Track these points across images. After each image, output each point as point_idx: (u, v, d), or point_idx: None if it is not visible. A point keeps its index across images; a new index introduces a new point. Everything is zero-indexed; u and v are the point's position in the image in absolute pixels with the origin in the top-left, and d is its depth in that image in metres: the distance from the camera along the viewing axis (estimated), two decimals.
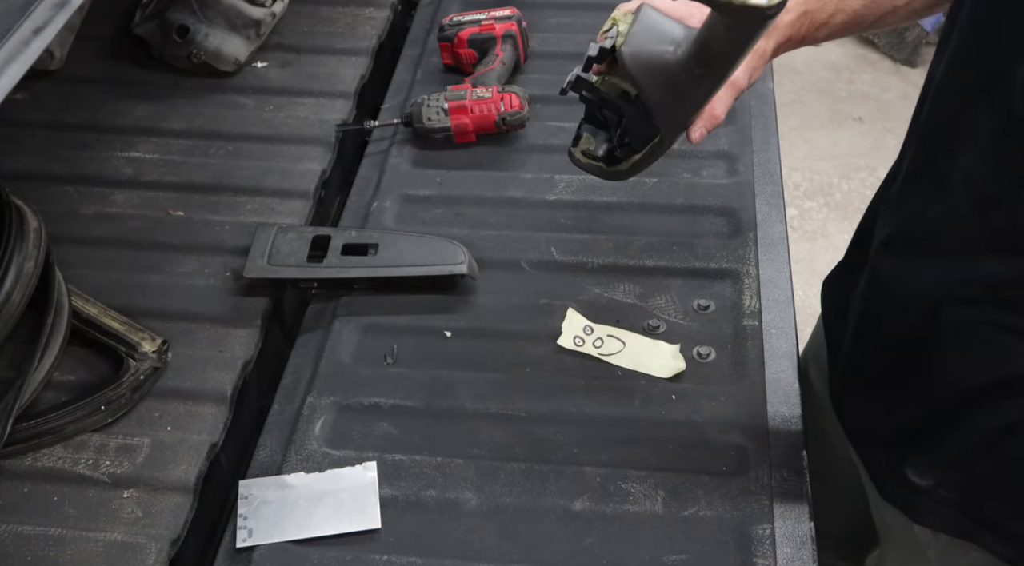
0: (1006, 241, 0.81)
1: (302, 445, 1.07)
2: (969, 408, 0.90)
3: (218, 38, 1.51)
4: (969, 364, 0.88)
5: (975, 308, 0.86)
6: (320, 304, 1.24)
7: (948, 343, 0.89)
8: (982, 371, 0.87)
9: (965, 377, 0.89)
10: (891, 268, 0.95)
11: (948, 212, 0.85)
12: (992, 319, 0.85)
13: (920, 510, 1.00)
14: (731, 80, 0.99)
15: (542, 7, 1.67)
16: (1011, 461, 0.89)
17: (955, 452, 0.93)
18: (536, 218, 1.32)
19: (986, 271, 0.83)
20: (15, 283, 1.04)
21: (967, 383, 0.89)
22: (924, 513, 1.00)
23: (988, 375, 0.87)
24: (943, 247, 0.87)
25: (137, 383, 1.09)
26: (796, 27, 1.03)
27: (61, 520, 0.99)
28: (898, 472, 1.00)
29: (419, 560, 0.97)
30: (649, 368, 1.12)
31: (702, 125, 1.03)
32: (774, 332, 1.16)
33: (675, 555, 0.96)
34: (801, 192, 2.89)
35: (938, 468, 0.96)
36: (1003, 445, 0.89)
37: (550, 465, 1.04)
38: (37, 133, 1.46)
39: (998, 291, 0.83)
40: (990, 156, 0.80)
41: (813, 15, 1.03)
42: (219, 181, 1.38)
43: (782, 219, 1.31)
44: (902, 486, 1.00)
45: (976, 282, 0.84)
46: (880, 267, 0.96)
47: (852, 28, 1.05)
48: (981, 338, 0.86)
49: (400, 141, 1.45)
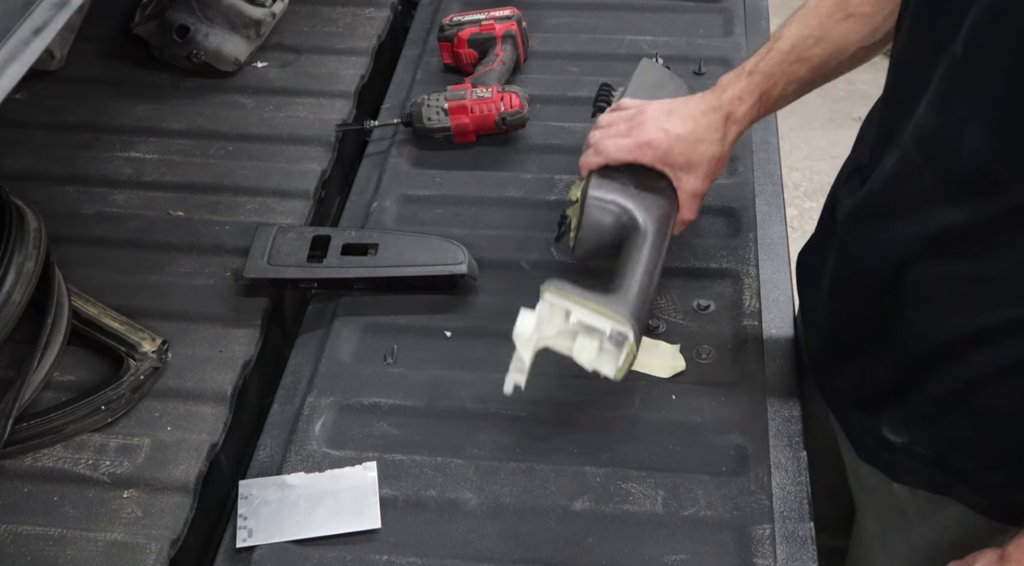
0: (954, 185, 0.83)
1: (302, 445, 1.07)
2: (937, 363, 0.92)
3: (218, 38, 1.51)
4: (936, 319, 0.90)
5: (938, 262, 0.88)
6: (320, 304, 1.24)
7: (915, 300, 0.91)
8: (948, 325, 0.90)
9: (932, 332, 0.91)
10: (858, 232, 0.97)
11: (903, 164, 0.88)
12: (954, 271, 0.87)
13: (897, 467, 1.02)
14: (692, 191, 1.11)
15: (542, 7, 1.67)
16: (980, 413, 0.92)
17: (927, 407, 0.96)
18: (536, 218, 1.32)
19: (942, 220, 0.85)
20: (15, 283, 1.04)
21: (934, 338, 0.91)
22: (901, 470, 1.02)
23: (954, 329, 0.89)
24: (903, 202, 0.90)
25: (137, 383, 1.09)
26: (754, 111, 1.10)
27: (61, 520, 0.99)
28: (874, 431, 1.02)
29: (419, 560, 0.97)
30: (649, 368, 1.12)
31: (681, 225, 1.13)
32: (774, 332, 1.16)
33: (675, 555, 0.96)
34: (801, 192, 2.89)
35: (912, 424, 0.99)
36: (971, 397, 0.91)
37: (550, 465, 1.04)
38: (37, 133, 1.45)
39: (957, 241, 0.86)
40: (937, 102, 0.83)
41: (768, 93, 1.09)
42: (219, 181, 1.38)
43: (782, 219, 1.31)
44: (879, 445, 1.02)
45: (936, 234, 0.87)
46: (848, 232, 0.99)
47: (807, 90, 1.11)
48: (946, 291, 0.89)
49: (400, 141, 1.45)
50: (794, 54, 1.07)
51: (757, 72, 1.09)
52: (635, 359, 1.01)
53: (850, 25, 1.05)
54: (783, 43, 1.08)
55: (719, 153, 1.09)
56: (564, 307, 0.99)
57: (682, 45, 1.59)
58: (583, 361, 1.00)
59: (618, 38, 1.61)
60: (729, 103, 1.09)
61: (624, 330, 0.98)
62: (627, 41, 1.60)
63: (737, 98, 1.09)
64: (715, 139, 1.08)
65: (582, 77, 1.54)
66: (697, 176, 1.09)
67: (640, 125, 1.09)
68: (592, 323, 0.99)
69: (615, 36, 1.61)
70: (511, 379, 1.00)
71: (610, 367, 1.00)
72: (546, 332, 1.01)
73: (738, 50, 1.58)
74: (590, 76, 1.54)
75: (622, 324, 0.98)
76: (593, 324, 0.99)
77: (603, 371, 1.01)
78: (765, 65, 1.08)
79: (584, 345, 1.00)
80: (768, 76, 1.08)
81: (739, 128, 1.10)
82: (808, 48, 1.06)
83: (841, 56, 1.06)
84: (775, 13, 1.79)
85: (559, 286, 1.00)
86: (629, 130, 1.10)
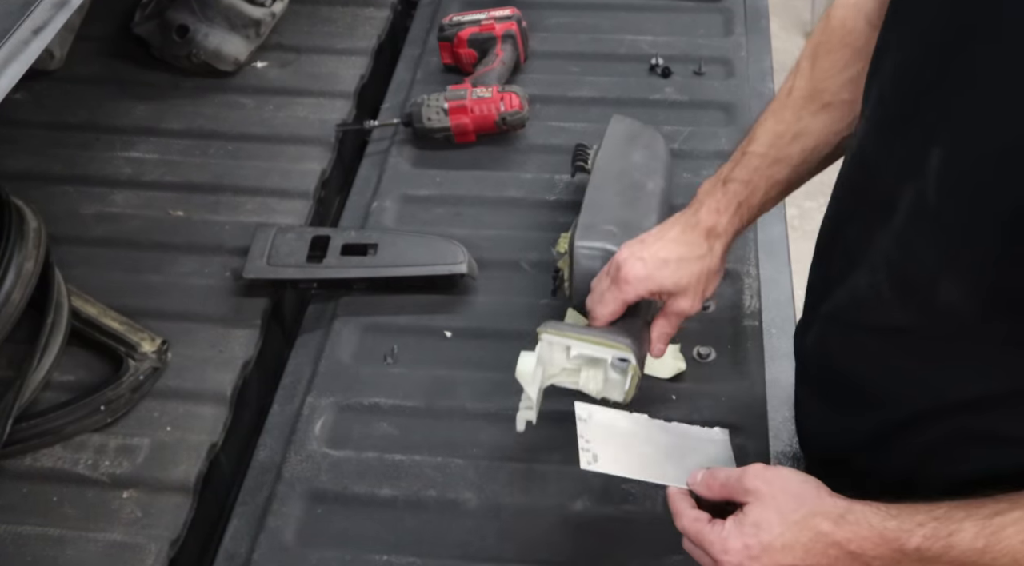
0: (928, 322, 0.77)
1: (302, 445, 1.07)
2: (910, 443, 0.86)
3: (218, 38, 1.51)
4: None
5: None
6: (320, 304, 1.24)
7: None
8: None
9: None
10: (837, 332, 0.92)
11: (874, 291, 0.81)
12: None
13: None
14: (679, 311, 1.03)
15: (542, 7, 1.67)
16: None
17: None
18: (536, 218, 1.31)
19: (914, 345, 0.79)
20: (15, 283, 1.04)
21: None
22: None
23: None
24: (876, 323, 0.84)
25: (137, 383, 1.09)
26: (736, 221, 1.02)
27: (61, 520, 0.99)
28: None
29: (419, 560, 0.97)
30: (649, 368, 1.12)
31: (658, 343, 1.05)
32: (774, 332, 1.16)
33: (675, 555, 0.96)
34: (801, 192, 2.87)
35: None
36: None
37: (550, 465, 1.04)
38: (37, 133, 1.45)
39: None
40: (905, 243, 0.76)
41: (748, 202, 1.01)
42: (219, 181, 1.38)
43: (782, 219, 1.31)
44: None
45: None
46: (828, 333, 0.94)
47: (792, 189, 1.03)
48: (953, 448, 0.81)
49: (400, 141, 1.45)
50: (771, 156, 0.98)
51: (733, 180, 1.01)
52: (640, 380, 1.02)
53: (829, 115, 0.95)
54: (757, 145, 0.99)
55: (707, 269, 1.02)
56: (563, 344, 1.02)
57: (682, 45, 1.58)
58: (591, 391, 1.03)
59: (618, 38, 1.61)
60: (707, 218, 1.02)
61: (625, 355, 1.00)
62: (627, 41, 1.60)
63: (715, 212, 1.01)
64: (699, 255, 1.02)
65: (582, 77, 1.54)
66: (686, 297, 1.03)
67: (618, 269, 1.02)
68: (593, 354, 1.01)
69: (615, 36, 1.61)
70: (522, 417, 1.01)
71: (618, 392, 1.03)
72: (550, 370, 1.03)
73: (738, 50, 1.58)
74: (590, 76, 1.54)
75: (622, 350, 1.00)
76: (594, 355, 1.01)
77: (612, 397, 1.03)
78: (741, 172, 1.01)
79: (590, 376, 1.03)
80: (745, 184, 1.00)
81: (724, 241, 1.02)
82: (785, 147, 0.98)
83: (824, 150, 0.97)
84: (775, 13, 1.79)
85: (555, 325, 1.02)
86: (612, 280, 1.03)
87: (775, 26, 1.75)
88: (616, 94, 1.50)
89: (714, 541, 0.80)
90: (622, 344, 1.00)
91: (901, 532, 0.75)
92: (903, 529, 0.75)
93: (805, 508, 0.78)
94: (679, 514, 0.84)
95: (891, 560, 0.76)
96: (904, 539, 0.75)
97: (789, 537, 0.77)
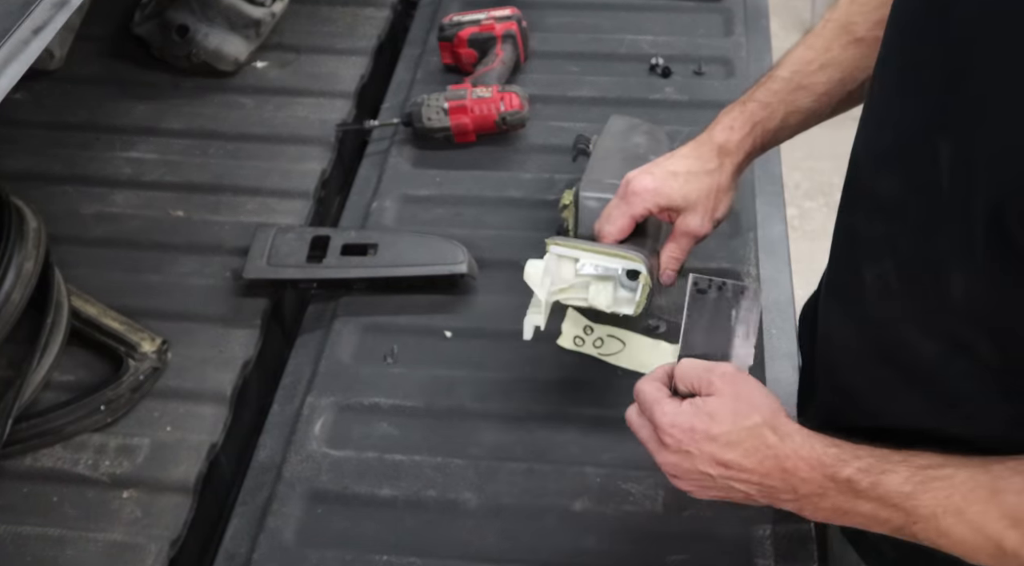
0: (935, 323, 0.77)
1: (302, 445, 1.07)
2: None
3: (218, 38, 1.51)
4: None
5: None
6: (320, 304, 1.24)
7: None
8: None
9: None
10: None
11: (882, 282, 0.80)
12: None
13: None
14: (688, 230, 1.02)
15: (542, 7, 1.67)
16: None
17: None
18: (536, 218, 1.31)
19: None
20: (15, 283, 1.04)
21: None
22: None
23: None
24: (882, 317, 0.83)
25: (137, 383, 1.09)
26: (749, 142, 1.01)
27: (61, 520, 0.99)
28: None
29: (419, 560, 0.97)
30: (649, 368, 1.11)
31: (667, 269, 1.04)
32: (774, 332, 1.16)
33: (675, 555, 0.96)
34: (801, 192, 2.89)
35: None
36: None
37: (550, 465, 1.04)
38: (37, 133, 1.45)
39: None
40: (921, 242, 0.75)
41: (764, 124, 1.01)
42: (219, 181, 1.38)
43: (782, 219, 1.31)
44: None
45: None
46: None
47: (811, 123, 1.02)
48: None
49: (400, 141, 1.45)
50: (794, 81, 0.98)
51: (752, 100, 1.01)
52: (651, 291, 0.99)
53: (859, 50, 0.94)
54: (782, 70, 0.99)
55: (717, 184, 1.01)
56: (571, 256, 0.98)
57: (682, 45, 1.58)
58: (601, 305, 1.00)
59: (618, 38, 1.61)
60: (720, 135, 1.01)
61: (636, 266, 0.97)
62: (627, 41, 1.60)
63: (728, 128, 1.01)
64: (710, 169, 1.01)
65: (582, 77, 1.54)
66: (696, 214, 1.02)
67: (627, 184, 1.02)
68: (604, 264, 0.98)
69: (615, 36, 1.61)
70: (530, 322, 0.99)
71: (628, 306, 1.00)
72: (556, 285, 1.00)
73: (738, 50, 1.58)
74: (590, 76, 1.54)
75: (634, 261, 0.97)
76: (605, 265, 0.98)
77: (622, 310, 1.00)
78: (761, 93, 1.00)
79: (599, 290, 1.00)
80: (764, 105, 0.99)
81: (735, 159, 1.01)
82: (810, 74, 0.97)
83: (849, 85, 0.96)
84: (775, 13, 1.80)
85: (563, 239, 1.00)
86: (620, 197, 1.03)
87: (775, 26, 1.75)
88: (616, 94, 1.50)
89: (667, 412, 0.81)
90: (633, 255, 0.97)
91: (838, 460, 0.76)
92: (840, 458, 0.76)
93: (759, 417, 0.80)
94: (644, 379, 0.86)
95: (818, 486, 0.77)
96: (838, 467, 0.76)
97: (734, 436, 0.79)
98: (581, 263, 1.00)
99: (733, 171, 1.02)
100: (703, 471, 0.80)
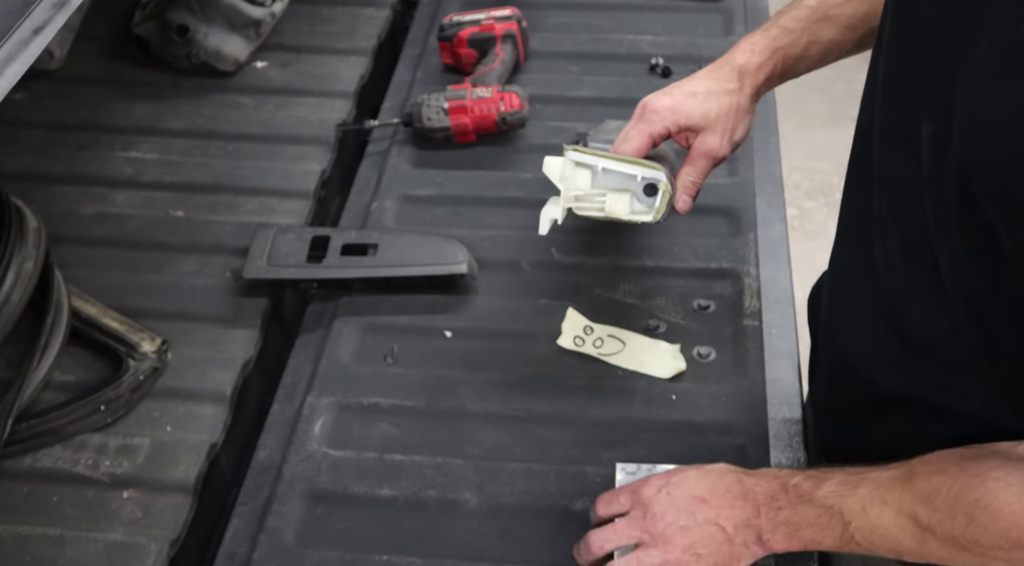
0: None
1: (302, 445, 1.07)
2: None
3: (218, 38, 1.51)
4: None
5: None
6: (320, 304, 1.24)
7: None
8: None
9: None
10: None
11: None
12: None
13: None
14: (706, 150, 1.01)
15: (542, 7, 1.67)
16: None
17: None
18: (536, 218, 1.31)
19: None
20: (15, 283, 1.04)
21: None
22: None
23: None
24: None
25: (137, 383, 1.09)
26: (769, 66, 1.01)
27: (61, 520, 0.99)
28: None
29: (419, 560, 0.97)
30: (649, 368, 1.12)
31: (683, 194, 1.02)
32: (774, 332, 1.16)
33: None
34: (801, 192, 2.89)
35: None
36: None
37: (550, 465, 1.04)
38: (37, 133, 1.45)
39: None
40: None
41: (786, 51, 1.00)
42: (219, 181, 1.38)
43: (782, 219, 1.31)
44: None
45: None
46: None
47: (832, 57, 1.02)
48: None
49: (400, 141, 1.45)
50: (821, 10, 0.98)
51: (775, 26, 1.00)
52: (671, 198, 0.98)
53: None
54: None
55: (736, 104, 1.00)
56: (589, 163, 0.97)
57: (682, 45, 1.58)
58: (618, 214, 0.98)
59: (618, 38, 1.61)
60: (740, 57, 1.00)
61: (656, 176, 0.96)
62: (627, 41, 1.60)
63: (748, 50, 1.00)
64: (729, 90, 0.99)
65: (582, 77, 1.54)
66: (714, 133, 1.00)
67: (644, 105, 1.01)
68: (622, 171, 0.96)
69: (615, 36, 1.61)
70: (547, 214, 0.98)
71: (647, 213, 0.98)
72: (571, 193, 0.99)
73: None
74: (590, 76, 1.54)
75: (653, 169, 0.96)
76: (624, 172, 0.96)
77: (641, 218, 0.98)
78: (786, 20, 0.99)
79: (616, 199, 0.98)
80: (787, 31, 0.99)
81: (754, 82, 1.00)
82: (838, 5, 0.96)
83: (872, 20, 0.92)
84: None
85: (581, 147, 0.99)
86: (637, 117, 1.02)
87: None
88: (616, 94, 1.50)
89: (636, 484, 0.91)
90: (651, 164, 0.96)
91: (789, 472, 0.87)
92: (791, 471, 0.88)
93: (721, 468, 0.91)
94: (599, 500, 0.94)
95: (771, 497, 0.85)
96: (787, 477, 0.86)
97: (702, 474, 0.90)
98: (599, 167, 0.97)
99: (752, 93, 1.01)
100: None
